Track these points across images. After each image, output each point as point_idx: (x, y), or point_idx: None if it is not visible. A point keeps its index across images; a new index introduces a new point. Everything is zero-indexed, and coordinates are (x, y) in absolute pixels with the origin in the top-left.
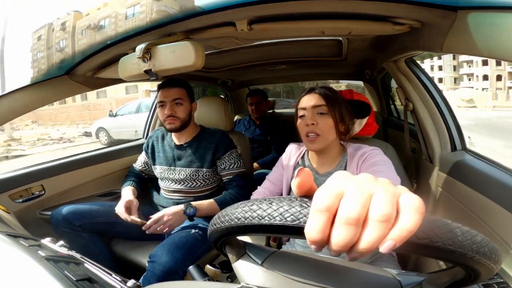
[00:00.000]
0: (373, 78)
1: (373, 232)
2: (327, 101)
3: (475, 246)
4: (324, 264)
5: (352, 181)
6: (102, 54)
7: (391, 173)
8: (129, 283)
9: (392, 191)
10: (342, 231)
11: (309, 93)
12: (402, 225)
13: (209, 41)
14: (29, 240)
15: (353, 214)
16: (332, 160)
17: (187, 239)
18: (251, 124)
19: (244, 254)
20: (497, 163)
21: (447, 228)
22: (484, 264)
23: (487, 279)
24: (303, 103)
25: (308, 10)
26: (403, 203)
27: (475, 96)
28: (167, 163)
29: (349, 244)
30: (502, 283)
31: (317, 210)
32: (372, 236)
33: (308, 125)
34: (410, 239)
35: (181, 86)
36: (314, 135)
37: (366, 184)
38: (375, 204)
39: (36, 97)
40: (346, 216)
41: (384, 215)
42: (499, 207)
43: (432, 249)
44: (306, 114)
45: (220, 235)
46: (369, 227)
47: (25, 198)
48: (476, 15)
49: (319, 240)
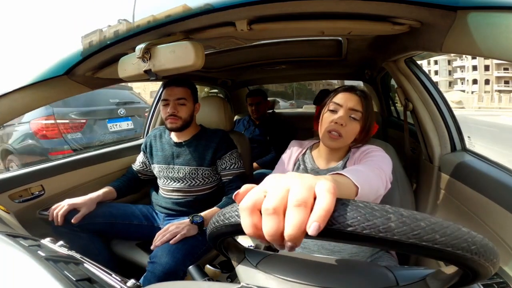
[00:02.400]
0: (373, 78)
1: (292, 216)
2: (364, 109)
3: (432, 236)
4: (315, 264)
5: (274, 180)
6: (101, 54)
7: (383, 165)
8: (129, 283)
9: (307, 182)
10: (265, 221)
11: (350, 91)
12: (318, 206)
13: (209, 41)
14: (28, 240)
15: (269, 204)
16: (337, 158)
17: (187, 240)
18: (250, 124)
19: (243, 259)
20: (497, 163)
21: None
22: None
23: (486, 278)
24: (341, 100)
25: (308, 10)
26: (318, 188)
27: (464, 98)
28: (166, 161)
29: (276, 231)
30: (502, 283)
31: (241, 210)
32: (293, 220)
33: (337, 123)
34: (383, 235)
35: (186, 86)
36: (337, 134)
37: (284, 179)
38: (291, 194)
39: (36, 97)
40: (264, 208)
41: (298, 200)
42: (499, 207)
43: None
44: (339, 112)
45: (216, 235)
46: (288, 213)
47: (24, 198)
48: (476, 15)
49: (254, 234)
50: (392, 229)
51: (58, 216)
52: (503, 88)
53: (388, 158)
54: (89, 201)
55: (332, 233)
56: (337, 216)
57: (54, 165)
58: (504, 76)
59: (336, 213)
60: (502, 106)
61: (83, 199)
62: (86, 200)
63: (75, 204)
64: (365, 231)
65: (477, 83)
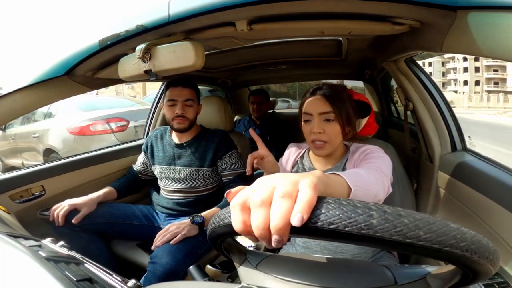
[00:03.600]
0: (373, 78)
1: (277, 207)
2: (333, 106)
3: (417, 233)
4: (315, 264)
5: (261, 179)
6: (102, 54)
7: (383, 166)
8: (129, 283)
9: (292, 179)
10: (253, 215)
11: (314, 95)
12: (299, 198)
13: (209, 41)
14: (29, 240)
15: (257, 197)
16: (335, 159)
17: (188, 240)
18: (251, 124)
19: (245, 260)
20: (497, 163)
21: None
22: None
23: (487, 278)
24: (308, 108)
25: (308, 10)
26: (301, 183)
27: (455, 98)
28: (167, 162)
29: (263, 224)
30: (503, 283)
31: (232, 207)
32: (278, 210)
33: (315, 133)
34: (389, 237)
35: (192, 88)
36: (321, 142)
37: (272, 178)
38: (276, 188)
39: (36, 97)
40: (253, 201)
41: (282, 192)
42: (499, 206)
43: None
44: (312, 121)
45: (214, 237)
46: (273, 204)
47: (25, 198)
48: (476, 15)
49: (243, 230)
50: (373, 226)
51: (58, 217)
52: (493, 89)
53: (388, 159)
54: (89, 201)
55: (315, 231)
56: (319, 214)
57: (55, 165)
58: (494, 78)
59: (318, 211)
60: (490, 105)
61: (83, 199)
62: (87, 201)
63: (75, 204)
64: (347, 228)
65: (467, 84)
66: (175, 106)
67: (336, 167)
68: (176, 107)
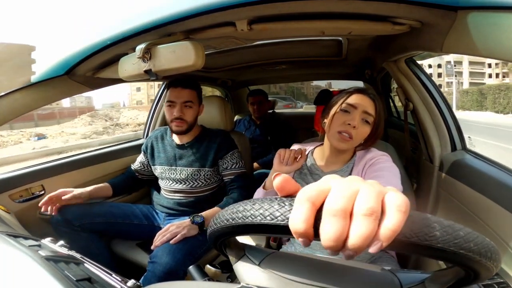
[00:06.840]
0: (373, 78)
1: (360, 226)
2: (377, 114)
3: (468, 245)
4: (320, 263)
5: (337, 179)
6: (102, 54)
7: (393, 179)
8: (129, 283)
9: (377, 189)
10: (329, 223)
11: (364, 93)
12: (386, 224)
13: (209, 41)
14: (29, 240)
15: (338, 205)
16: (341, 161)
17: (188, 240)
18: (251, 124)
19: (243, 256)
20: (497, 163)
21: (439, 225)
22: (480, 262)
23: (487, 279)
24: (355, 101)
25: (308, 10)
26: (388, 201)
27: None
28: (168, 163)
29: (338, 237)
30: (502, 283)
31: (299, 202)
32: (360, 230)
33: (350, 125)
34: (401, 238)
35: (193, 88)
36: (348, 135)
37: (351, 181)
38: (360, 199)
39: (36, 97)
40: (331, 208)
41: (368, 208)
42: (499, 207)
43: (422, 248)
44: (352, 114)
45: (218, 235)
46: (356, 221)
47: (25, 198)
48: (476, 15)
49: (303, 230)
50: (437, 237)
51: (52, 202)
52: None
53: (396, 168)
54: (83, 190)
55: None
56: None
57: (55, 165)
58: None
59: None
60: None
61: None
62: (80, 190)
63: (65, 191)
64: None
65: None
66: (173, 108)
67: (342, 170)
68: (174, 109)
